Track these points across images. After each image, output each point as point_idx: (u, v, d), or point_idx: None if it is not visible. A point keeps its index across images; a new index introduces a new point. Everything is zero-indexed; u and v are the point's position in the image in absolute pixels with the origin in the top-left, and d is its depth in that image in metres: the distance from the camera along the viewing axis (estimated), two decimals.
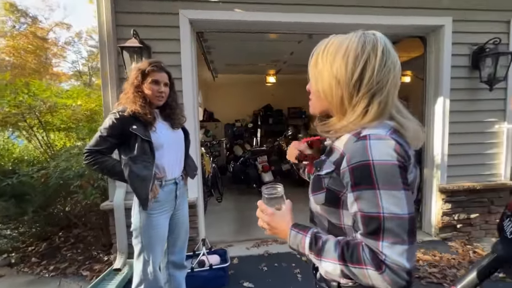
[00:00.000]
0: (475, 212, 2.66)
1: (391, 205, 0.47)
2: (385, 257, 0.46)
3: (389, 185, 0.47)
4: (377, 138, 0.50)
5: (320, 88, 0.58)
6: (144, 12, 2.15)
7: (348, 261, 0.50)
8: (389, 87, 0.54)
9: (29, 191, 2.31)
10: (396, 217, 0.46)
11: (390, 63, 0.54)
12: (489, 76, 2.39)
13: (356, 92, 0.54)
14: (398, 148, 0.49)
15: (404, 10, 2.40)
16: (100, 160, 1.23)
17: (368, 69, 0.53)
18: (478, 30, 2.49)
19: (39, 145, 2.60)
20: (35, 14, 12.78)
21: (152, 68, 1.28)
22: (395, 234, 0.46)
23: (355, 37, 0.55)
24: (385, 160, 0.48)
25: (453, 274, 2.05)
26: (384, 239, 0.46)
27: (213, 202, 3.97)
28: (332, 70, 0.55)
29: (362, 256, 0.48)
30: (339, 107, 0.57)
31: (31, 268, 2.32)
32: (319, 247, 0.54)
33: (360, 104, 0.54)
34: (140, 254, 1.32)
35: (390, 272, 0.45)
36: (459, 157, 2.58)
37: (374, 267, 0.46)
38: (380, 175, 0.48)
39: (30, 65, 11.14)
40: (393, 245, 0.46)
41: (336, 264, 0.51)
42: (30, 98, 2.23)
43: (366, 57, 0.53)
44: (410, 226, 0.47)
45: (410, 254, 0.46)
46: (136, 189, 1.24)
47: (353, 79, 0.53)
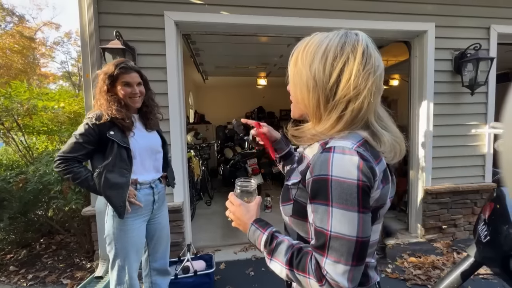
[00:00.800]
0: (459, 213, 2.72)
1: (340, 224, 0.45)
2: (326, 273, 0.46)
3: (343, 205, 0.45)
4: (341, 152, 0.47)
5: (298, 90, 0.55)
6: (128, 13, 2.11)
7: (294, 267, 0.50)
8: (366, 93, 0.49)
9: (6, 197, 2.21)
10: (342, 237, 0.45)
11: (370, 67, 0.50)
12: (470, 80, 2.45)
13: (332, 96, 0.51)
14: (362, 165, 0.46)
15: (389, 15, 2.44)
16: (75, 170, 1.16)
17: (346, 72, 0.49)
18: (460, 35, 2.57)
19: (17, 149, 2.51)
20: (22, 13, 12.49)
21: (120, 71, 1.21)
22: (339, 254, 0.45)
23: (336, 36, 0.52)
24: (344, 178, 0.45)
25: (437, 275, 2.08)
26: (328, 256, 0.46)
27: (203, 206, 3.92)
28: (311, 71, 0.52)
29: (308, 265, 0.49)
30: (315, 110, 0.53)
31: (8, 277, 2.22)
32: (272, 247, 0.54)
33: (336, 109, 0.51)
34: (115, 261, 1.27)
35: (329, 287, 0.46)
36: (443, 159, 2.63)
37: (316, 278, 0.47)
38: (335, 192, 0.46)
39: (17, 65, 10.83)
40: (335, 264, 0.45)
41: (283, 267, 0.52)
42: (7, 100, 2.15)
43: (345, 58, 0.50)
44: (358, 249, 0.45)
45: (353, 275, 0.46)
46: (110, 197, 1.19)
47: (330, 82, 0.50)
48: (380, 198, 0.51)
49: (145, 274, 1.51)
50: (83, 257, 2.51)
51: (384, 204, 0.53)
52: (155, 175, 1.39)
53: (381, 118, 0.55)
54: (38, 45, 12.48)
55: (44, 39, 13.11)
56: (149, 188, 1.35)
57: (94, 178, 1.19)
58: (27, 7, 18.70)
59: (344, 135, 0.51)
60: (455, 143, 2.64)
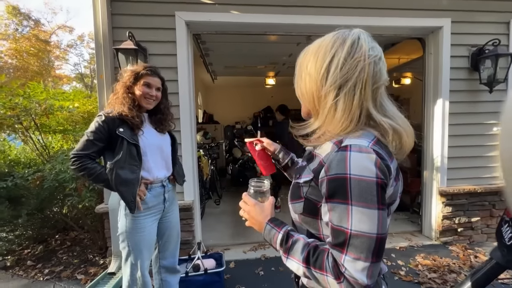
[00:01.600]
0: (476, 215, 2.62)
1: (361, 222, 0.46)
2: (345, 270, 0.46)
3: (363, 203, 0.46)
4: (358, 150, 0.48)
5: (299, 88, 0.59)
6: (140, 14, 2.15)
7: (311, 265, 0.51)
8: (356, 79, 0.51)
9: (24, 194, 2.29)
10: (362, 235, 0.46)
11: (360, 55, 0.51)
12: (488, 77, 2.36)
13: (323, 85, 0.53)
14: (379, 163, 0.47)
15: (403, 11, 2.38)
16: (89, 166, 1.20)
17: (334, 61, 0.52)
18: (477, 31, 2.47)
19: (35, 148, 2.59)
20: (38, 17, 12.95)
21: (146, 72, 1.28)
22: (359, 251, 0.46)
23: (331, 36, 0.55)
24: (364, 176, 0.46)
25: (454, 279, 2.01)
26: (348, 254, 0.46)
27: (212, 205, 3.95)
28: (307, 68, 0.56)
29: (325, 263, 0.49)
30: (311, 103, 0.56)
31: (26, 271, 2.30)
32: (288, 245, 0.55)
33: (329, 96, 0.52)
34: (128, 258, 1.29)
35: (348, 284, 0.46)
36: (460, 159, 2.54)
37: (333, 276, 0.47)
38: (355, 191, 0.46)
39: (33, 68, 11.24)
40: (355, 261, 0.46)
41: (299, 265, 0.52)
42: (26, 100, 2.23)
43: (334, 51, 0.52)
44: (378, 246, 0.46)
45: (372, 271, 0.46)
46: (122, 193, 1.21)
47: (321, 72, 0.53)
48: (393, 194, 0.53)
49: (155, 271, 1.53)
50: (96, 253, 2.57)
51: (395, 200, 0.55)
52: (166, 173, 1.41)
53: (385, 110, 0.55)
54: (52, 48, 12.90)
55: (58, 42, 13.56)
56: (160, 186, 1.37)
57: (106, 173, 1.22)
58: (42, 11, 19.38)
59: (358, 134, 0.51)
60: (472, 143, 2.55)
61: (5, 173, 2.30)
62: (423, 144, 2.72)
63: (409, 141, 0.55)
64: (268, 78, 5.53)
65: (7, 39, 11.01)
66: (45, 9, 18.75)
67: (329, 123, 0.53)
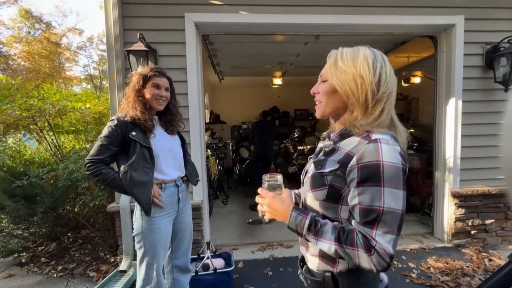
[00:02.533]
0: (490, 217, 2.55)
1: (391, 201, 0.55)
2: (376, 243, 0.55)
3: (393, 184, 0.56)
4: (386, 143, 0.58)
5: (345, 86, 0.64)
6: (150, 16, 2.18)
7: (343, 243, 0.58)
8: (395, 92, 0.64)
9: (39, 192, 2.36)
10: (393, 211, 0.55)
11: (393, 74, 0.65)
12: (504, 76, 2.29)
13: (377, 89, 0.62)
14: (402, 153, 0.59)
15: (414, 9, 2.34)
16: (103, 171, 1.22)
17: (383, 73, 0.62)
18: (492, 28, 2.40)
19: (49, 148, 2.66)
20: (49, 20, 13.26)
21: (153, 73, 1.30)
22: (388, 225, 0.55)
23: (365, 48, 0.65)
24: (394, 162, 0.56)
25: (467, 282, 1.96)
26: (378, 229, 0.56)
27: (219, 205, 3.97)
28: (356, 69, 0.62)
29: (355, 239, 0.57)
30: (364, 103, 0.63)
31: (41, 268, 2.37)
32: (318, 228, 0.62)
33: (381, 101, 0.62)
34: (143, 258, 1.31)
35: (377, 255, 0.54)
36: (473, 160, 2.48)
37: (364, 249, 0.55)
38: (387, 175, 0.56)
39: (44, 70, 11.55)
40: (385, 234, 0.55)
41: (331, 244, 0.59)
42: (40, 102, 2.29)
43: (381, 63, 0.63)
44: (400, 220, 0.57)
45: (395, 243, 0.56)
46: (136, 195, 1.23)
47: (375, 78, 0.61)
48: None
49: (167, 270, 1.54)
50: (107, 251, 2.62)
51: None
52: (180, 173, 1.43)
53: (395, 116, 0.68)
54: (63, 50, 13.22)
55: (68, 44, 13.86)
56: (174, 186, 1.38)
57: (120, 177, 1.24)
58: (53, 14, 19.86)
59: (382, 131, 0.61)
60: (486, 143, 2.48)
61: (20, 172, 2.37)
62: (435, 145, 2.67)
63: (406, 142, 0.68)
64: (275, 78, 5.52)
65: (20, 42, 11.35)
66: (56, 12, 19.23)
67: (373, 121, 0.62)
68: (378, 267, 0.55)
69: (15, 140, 2.92)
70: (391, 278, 2.04)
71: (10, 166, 2.50)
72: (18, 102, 2.23)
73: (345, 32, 2.48)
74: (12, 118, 2.24)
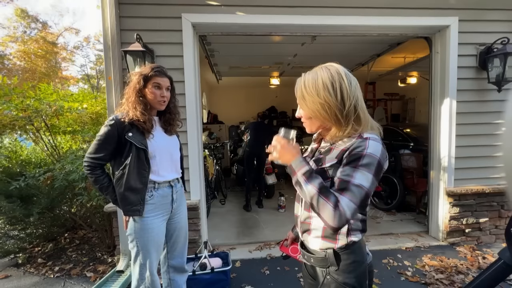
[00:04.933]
0: (484, 216, 2.59)
1: (361, 179, 0.70)
2: (340, 204, 0.68)
3: (367, 169, 0.70)
4: (374, 140, 0.74)
5: (316, 113, 0.77)
6: (147, 16, 2.18)
7: (321, 193, 0.70)
8: (360, 97, 0.77)
9: (35, 193, 2.35)
10: (359, 186, 0.69)
11: (354, 82, 0.76)
12: (497, 76, 2.33)
13: (343, 107, 0.74)
14: (383, 149, 0.74)
15: (409, 10, 2.36)
16: (99, 178, 1.25)
17: (344, 89, 0.74)
18: (486, 29, 2.44)
19: (45, 148, 2.65)
20: (45, 20, 13.19)
21: (154, 73, 1.27)
22: (354, 196, 0.69)
23: (322, 72, 0.76)
24: (373, 154, 0.71)
25: (462, 280, 1.99)
26: (346, 195, 0.69)
27: (217, 205, 3.98)
28: (320, 99, 0.75)
29: (331, 196, 0.70)
30: (337, 122, 0.76)
31: (37, 268, 2.36)
32: (312, 175, 0.75)
33: (351, 113, 0.75)
34: (136, 258, 1.31)
35: (339, 213, 0.67)
36: (467, 159, 2.52)
37: (332, 205, 0.68)
38: (364, 161, 0.70)
39: (40, 69, 11.45)
40: (349, 201, 0.68)
41: (315, 190, 0.71)
42: (37, 102, 2.28)
43: (339, 82, 0.74)
44: (364, 197, 0.70)
45: (354, 213, 0.69)
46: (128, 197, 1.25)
47: (338, 100, 0.74)
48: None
49: (163, 270, 1.55)
50: (104, 251, 2.62)
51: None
52: (175, 175, 1.43)
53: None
54: (59, 49, 13.12)
55: (65, 44, 13.78)
56: (168, 187, 1.38)
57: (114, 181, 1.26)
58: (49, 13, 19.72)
59: (372, 131, 0.77)
60: (480, 143, 2.52)
61: (17, 173, 2.36)
62: (430, 144, 2.70)
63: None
64: (273, 78, 5.54)
65: (16, 41, 11.25)
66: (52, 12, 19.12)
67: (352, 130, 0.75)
68: (334, 222, 0.67)
69: (11, 140, 2.90)
70: (386, 276, 2.07)
71: (6, 166, 2.49)
72: (14, 102, 2.22)
73: (341, 33, 2.51)
74: (8, 119, 2.23)
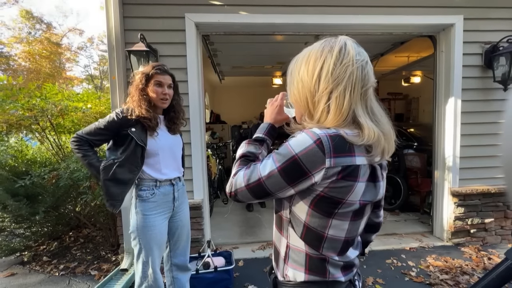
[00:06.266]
0: (489, 216, 2.56)
1: (264, 164, 0.58)
2: (237, 174, 0.63)
3: (276, 159, 0.56)
4: (307, 133, 0.54)
5: (292, 94, 0.63)
6: (151, 16, 2.19)
7: (238, 160, 0.68)
8: (346, 83, 0.54)
9: (40, 192, 2.37)
10: (258, 168, 0.59)
11: (348, 61, 0.55)
12: (503, 75, 2.30)
13: (316, 90, 0.56)
14: (311, 148, 0.52)
15: (413, 9, 2.35)
16: (85, 154, 1.25)
17: (325, 67, 0.55)
18: (491, 28, 2.41)
19: (50, 147, 2.68)
20: (50, 21, 13.35)
21: (155, 71, 1.29)
22: (249, 172, 0.60)
23: (319, 44, 0.59)
24: (293, 148, 0.54)
25: (467, 281, 1.97)
26: (245, 171, 0.61)
27: (219, 204, 3.99)
28: (299, 75, 0.60)
29: (240, 167, 0.65)
30: (305, 107, 0.60)
31: (42, 266, 2.38)
32: (253, 143, 0.71)
33: (321, 100, 0.56)
34: (139, 255, 1.32)
35: (230, 183, 0.63)
36: (472, 159, 2.49)
37: (234, 172, 0.64)
38: (279, 151, 0.57)
39: (45, 70, 11.58)
40: (242, 177, 0.60)
41: (240, 153, 0.69)
42: (43, 102, 2.30)
43: (324, 58, 0.56)
44: (256, 183, 0.58)
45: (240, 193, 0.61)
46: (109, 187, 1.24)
47: (313, 79, 0.56)
48: (336, 190, 0.54)
49: (167, 269, 1.56)
50: (108, 250, 2.64)
51: (344, 201, 0.55)
52: (177, 173, 1.44)
53: (373, 113, 0.58)
54: (63, 50, 13.24)
55: (69, 44, 13.90)
56: (169, 185, 1.39)
57: (103, 167, 1.25)
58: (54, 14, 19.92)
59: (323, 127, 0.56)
60: (485, 142, 2.49)
61: (22, 172, 2.39)
62: (434, 144, 2.68)
63: (388, 146, 0.57)
64: (275, 78, 5.53)
65: (21, 42, 11.39)
66: (56, 13, 19.30)
67: (322, 123, 0.57)
68: (227, 189, 0.63)
69: (16, 140, 2.93)
70: (390, 277, 2.06)
71: (12, 165, 2.52)
72: (21, 102, 2.25)
73: (345, 32, 2.48)
74: (15, 118, 2.26)
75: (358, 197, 0.56)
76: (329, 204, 0.55)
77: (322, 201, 0.55)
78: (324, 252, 0.59)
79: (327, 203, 0.55)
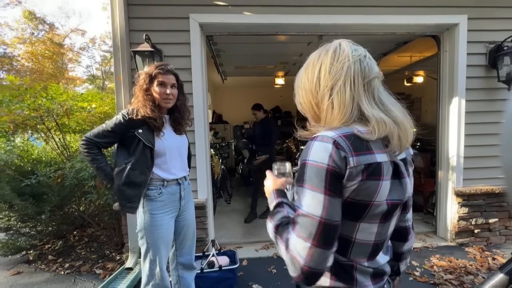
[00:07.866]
0: (494, 217, 2.56)
1: (308, 203, 0.50)
2: (290, 244, 0.51)
3: (312, 186, 0.50)
4: (320, 140, 0.52)
5: (299, 102, 0.64)
6: (155, 17, 2.21)
7: (278, 232, 0.56)
8: (345, 77, 0.55)
9: (46, 191, 2.40)
10: (308, 215, 0.49)
11: (344, 57, 0.56)
12: (507, 75, 2.30)
13: (317, 90, 0.58)
14: (334, 153, 0.49)
15: (417, 9, 2.35)
16: (94, 158, 1.27)
17: (322, 68, 0.57)
18: (495, 27, 2.41)
19: (56, 147, 2.70)
20: (52, 21, 13.39)
21: (158, 71, 1.30)
22: (303, 230, 0.49)
23: (315, 52, 0.62)
24: (316, 161, 0.50)
25: (471, 281, 1.97)
26: (294, 230, 0.51)
27: (222, 204, 4.00)
28: (301, 84, 0.62)
29: (285, 233, 0.53)
30: (312, 111, 0.61)
31: (48, 265, 2.41)
32: (275, 211, 0.62)
33: (324, 98, 0.57)
34: (146, 254, 1.34)
35: (290, 257, 0.50)
36: (476, 159, 2.49)
37: (285, 245, 0.52)
38: (308, 175, 0.51)
39: (48, 70, 11.64)
40: (297, 238, 0.50)
41: (271, 230, 0.58)
42: (48, 102, 2.33)
43: (321, 61, 0.58)
44: (321, 230, 0.48)
45: (312, 255, 0.48)
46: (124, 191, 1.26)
47: (313, 82, 0.58)
48: (363, 192, 0.51)
49: (173, 267, 1.57)
50: (112, 249, 2.65)
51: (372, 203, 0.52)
52: (183, 173, 1.45)
53: (382, 103, 0.57)
54: (66, 50, 13.31)
55: (71, 45, 13.97)
56: (176, 184, 1.40)
57: (115, 173, 1.27)
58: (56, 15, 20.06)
59: (333, 127, 0.54)
60: (490, 142, 2.48)
61: (28, 171, 2.41)
62: (438, 144, 2.68)
63: (404, 135, 0.55)
64: (278, 78, 5.53)
65: (24, 43, 11.46)
66: (59, 13, 19.41)
67: (330, 122, 0.57)
68: (291, 271, 0.50)
69: (22, 139, 2.96)
70: None
71: (18, 165, 2.54)
72: (27, 102, 2.27)
73: (348, 32, 2.50)
74: (21, 118, 2.28)
75: (385, 197, 0.53)
76: (357, 208, 0.53)
77: (349, 207, 0.52)
78: (352, 257, 0.56)
79: (354, 208, 0.53)
